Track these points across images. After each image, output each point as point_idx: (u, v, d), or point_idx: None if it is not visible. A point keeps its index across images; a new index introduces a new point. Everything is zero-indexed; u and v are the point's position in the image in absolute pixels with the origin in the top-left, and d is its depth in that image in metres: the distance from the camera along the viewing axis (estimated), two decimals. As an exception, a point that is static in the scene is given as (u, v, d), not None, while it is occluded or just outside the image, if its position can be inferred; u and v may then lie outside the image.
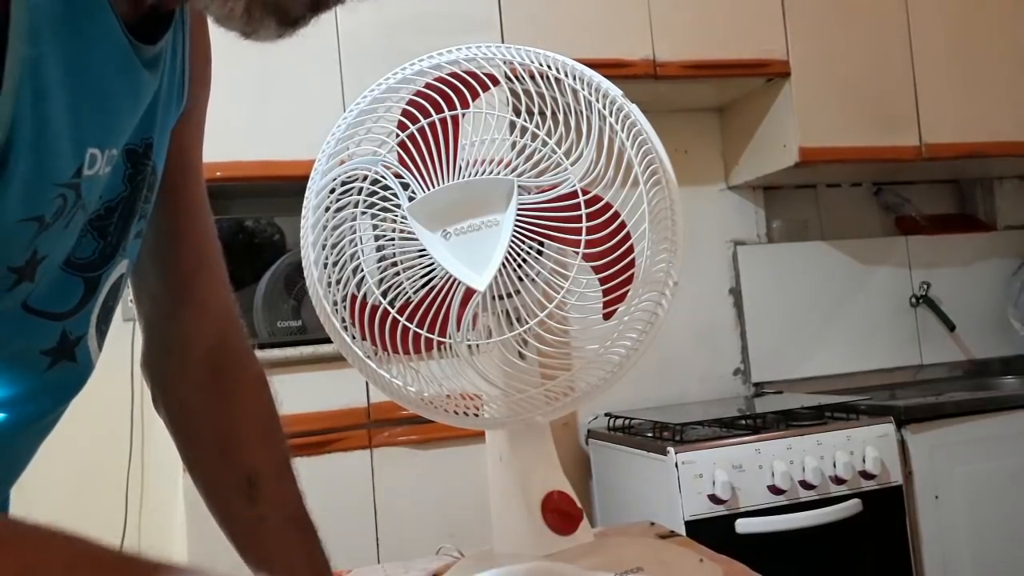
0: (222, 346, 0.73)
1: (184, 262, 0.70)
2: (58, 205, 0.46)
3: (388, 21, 2.07)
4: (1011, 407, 2.14)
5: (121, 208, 0.54)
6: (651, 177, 0.71)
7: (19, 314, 0.49)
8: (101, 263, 0.54)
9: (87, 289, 0.54)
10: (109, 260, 0.55)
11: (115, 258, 0.55)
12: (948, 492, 2.06)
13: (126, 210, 0.55)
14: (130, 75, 0.51)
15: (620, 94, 0.72)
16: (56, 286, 0.51)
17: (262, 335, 1.96)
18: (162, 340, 0.72)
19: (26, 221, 0.45)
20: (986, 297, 2.80)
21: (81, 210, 0.49)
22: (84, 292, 0.53)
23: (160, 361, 0.73)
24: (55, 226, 0.47)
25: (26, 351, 0.52)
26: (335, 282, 0.74)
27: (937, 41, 2.48)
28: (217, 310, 0.73)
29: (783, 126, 2.40)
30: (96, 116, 0.48)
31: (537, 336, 0.70)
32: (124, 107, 0.51)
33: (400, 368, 0.74)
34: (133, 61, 0.51)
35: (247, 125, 1.98)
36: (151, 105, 0.54)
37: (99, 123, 0.49)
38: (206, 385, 0.72)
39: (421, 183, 0.71)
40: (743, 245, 2.67)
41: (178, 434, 0.73)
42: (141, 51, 0.51)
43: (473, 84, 0.72)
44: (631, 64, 2.23)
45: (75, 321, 0.54)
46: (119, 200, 0.54)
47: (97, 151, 0.49)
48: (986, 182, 2.93)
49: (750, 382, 2.61)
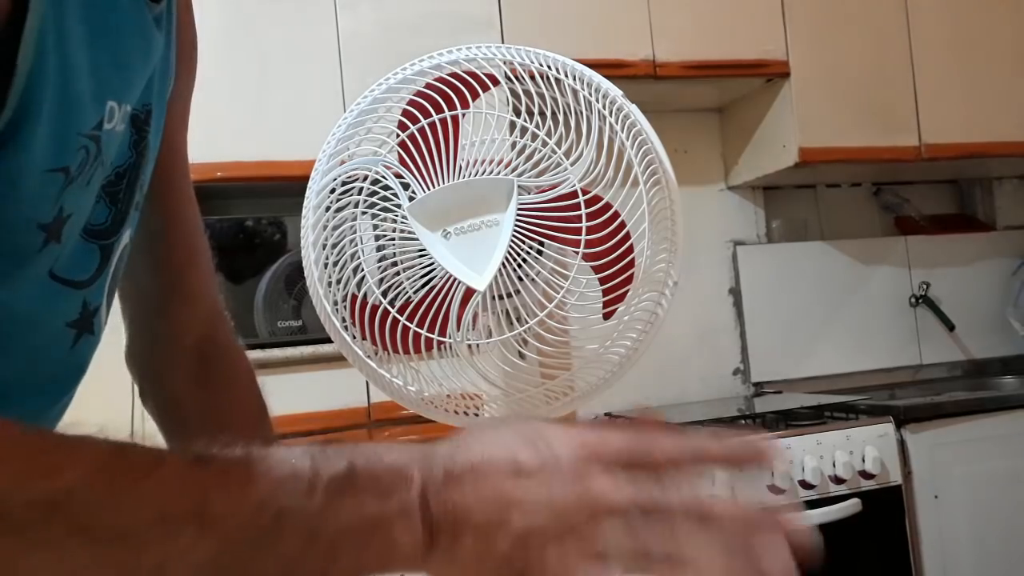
0: (211, 339, 0.73)
1: (175, 254, 0.70)
2: (82, 157, 0.47)
3: (388, 21, 2.07)
4: (1011, 407, 2.15)
5: (129, 175, 0.54)
6: (651, 177, 0.71)
7: (46, 283, 0.49)
8: (114, 230, 0.54)
9: (102, 257, 0.54)
10: (120, 227, 0.55)
11: (124, 226, 0.55)
12: (948, 492, 2.06)
13: (132, 177, 0.55)
14: (143, 29, 0.51)
15: (620, 94, 0.72)
16: (76, 254, 0.51)
17: (262, 335, 1.96)
18: (151, 333, 0.71)
19: (53, 172, 0.45)
20: (986, 297, 2.81)
21: (100, 167, 0.49)
22: (100, 260, 0.54)
23: (148, 353, 0.72)
24: (79, 180, 0.47)
25: (53, 326, 0.52)
26: (335, 282, 0.74)
27: (937, 41, 2.48)
28: (207, 304, 0.73)
29: (783, 126, 2.40)
30: (114, 67, 0.48)
31: (537, 336, 0.70)
32: (137, 61, 0.51)
33: (400, 368, 0.74)
34: (145, 15, 0.51)
35: (247, 125, 1.99)
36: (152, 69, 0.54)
37: (117, 74, 0.49)
38: (196, 376, 0.71)
39: (421, 183, 0.71)
40: (743, 245, 2.67)
41: (166, 426, 0.72)
42: (150, 7, 0.51)
43: (473, 84, 0.72)
44: (631, 64, 2.23)
45: (93, 291, 0.54)
46: (127, 166, 0.54)
47: (115, 104, 0.49)
48: (986, 182, 2.93)
49: (750, 382, 2.61)
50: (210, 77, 2.21)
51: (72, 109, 0.45)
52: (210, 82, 2.10)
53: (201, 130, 2.29)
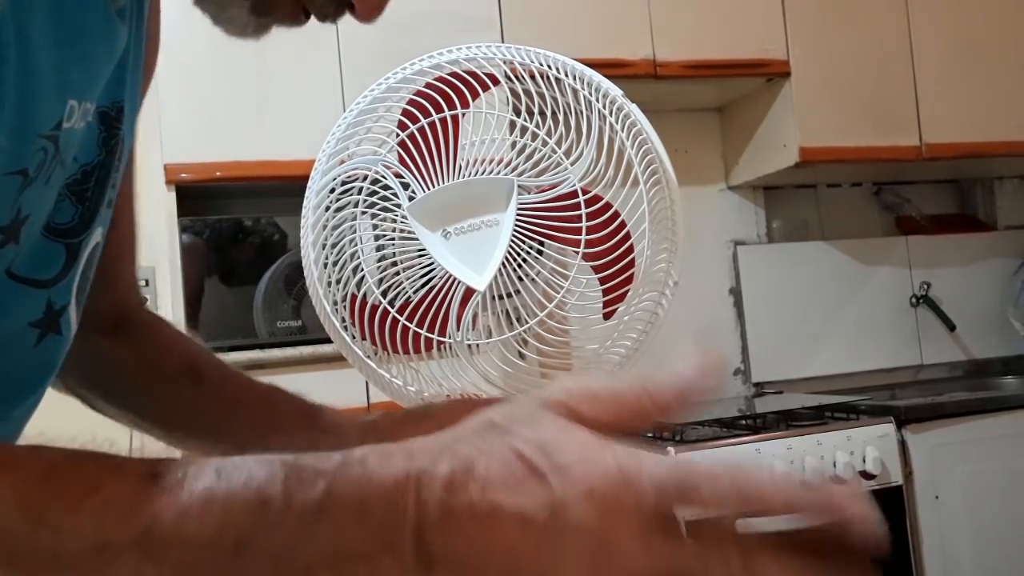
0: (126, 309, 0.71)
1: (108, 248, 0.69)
2: (40, 158, 0.46)
3: (388, 21, 2.06)
4: (1011, 407, 2.14)
5: (97, 173, 0.54)
6: (651, 177, 0.71)
7: (4, 282, 0.48)
8: (81, 229, 0.53)
9: (68, 256, 0.53)
10: (88, 226, 0.54)
11: (93, 225, 0.55)
12: (948, 492, 2.05)
13: (102, 175, 0.54)
14: (107, 23, 0.50)
15: (620, 94, 0.72)
16: (38, 252, 0.50)
17: (262, 335, 1.96)
18: None
19: (12, 175, 0.44)
20: (986, 297, 2.80)
21: (59, 166, 0.48)
22: (66, 259, 0.53)
23: None
24: (37, 181, 0.46)
25: (14, 325, 0.51)
26: (335, 282, 0.74)
27: (937, 41, 2.48)
28: (127, 294, 0.72)
29: (783, 126, 2.40)
30: (77, 65, 0.47)
31: (537, 336, 0.70)
32: (101, 57, 0.50)
33: (400, 368, 0.74)
34: (108, 9, 0.50)
35: (247, 125, 1.99)
36: (121, 64, 0.53)
37: (80, 72, 0.48)
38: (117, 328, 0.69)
39: (421, 183, 0.71)
40: (743, 245, 2.66)
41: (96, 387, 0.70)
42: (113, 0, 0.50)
43: (473, 84, 0.72)
44: (631, 64, 2.23)
45: (58, 290, 0.53)
46: (95, 165, 0.53)
47: (75, 103, 0.48)
48: (986, 182, 2.93)
49: (750, 382, 2.61)
50: (210, 77, 2.22)
51: (32, 110, 0.44)
52: (210, 82, 2.11)
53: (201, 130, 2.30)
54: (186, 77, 1.96)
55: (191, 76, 1.97)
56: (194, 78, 1.97)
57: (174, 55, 2.00)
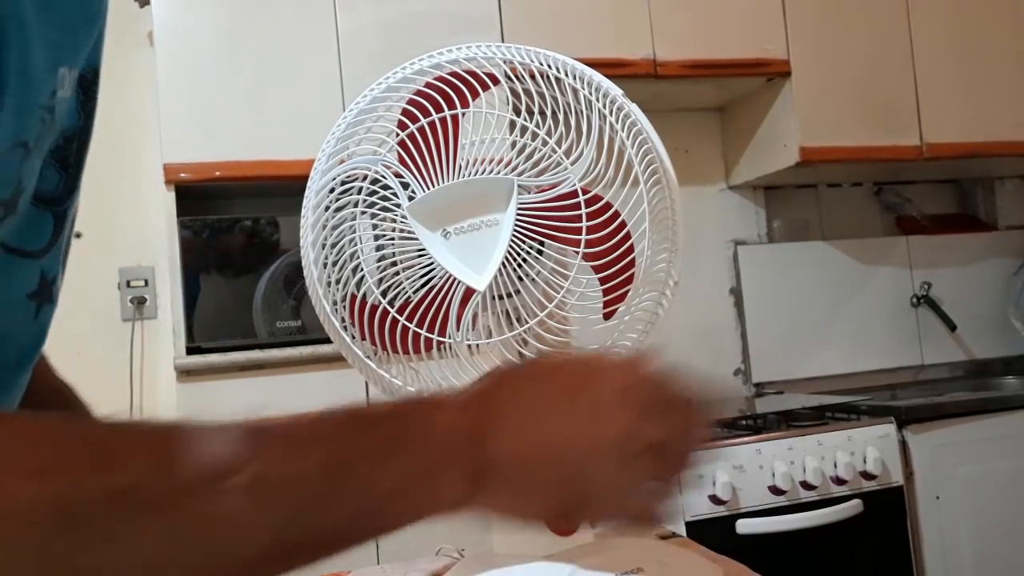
0: None
1: None
2: (38, 129, 0.46)
3: (388, 21, 2.07)
4: (1012, 407, 2.14)
5: (79, 138, 0.53)
6: (651, 177, 0.71)
7: (3, 256, 0.48)
8: (66, 196, 0.53)
9: (56, 224, 0.52)
10: (71, 193, 0.53)
11: (75, 191, 0.54)
12: (949, 492, 2.05)
13: (82, 141, 0.54)
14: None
15: (620, 93, 0.72)
16: (29, 222, 0.49)
17: (261, 335, 1.96)
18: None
19: (15, 147, 0.44)
20: (987, 297, 2.80)
21: (51, 136, 0.48)
22: (54, 228, 0.52)
23: None
24: (34, 152, 0.46)
25: (15, 298, 0.50)
26: (335, 282, 0.73)
27: (938, 41, 2.48)
28: None
29: (784, 126, 2.39)
30: (62, 32, 0.47)
31: (537, 336, 0.70)
32: (81, 22, 0.50)
33: (400, 368, 0.74)
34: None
35: (247, 125, 1.98)
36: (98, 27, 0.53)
37: (65, 39, 0.48)
38: None
39: (421, 182, 0.71)
40: (744, 245, 2.66)
41: None
42: None
43: (473, 83, 0.72)
44: (631, 63, 2.23)
45: (49, 259, 0.53)
46: (76, 130, 0.53)
47: (66, 70, 0.48)
48: (987, 182, 2.93)
49: (751, 382, 2.60)
50: (210, 77, 2.22)
51: (32, 80, 0.44)
52: (210, 82, 2.11)
53: (201, 130, 2.30)
54: (186, 77, 1.96)
55: (191, 76, 1.97)
56: (194, 78, 1.97)
57: (174, 55, 2.00)
